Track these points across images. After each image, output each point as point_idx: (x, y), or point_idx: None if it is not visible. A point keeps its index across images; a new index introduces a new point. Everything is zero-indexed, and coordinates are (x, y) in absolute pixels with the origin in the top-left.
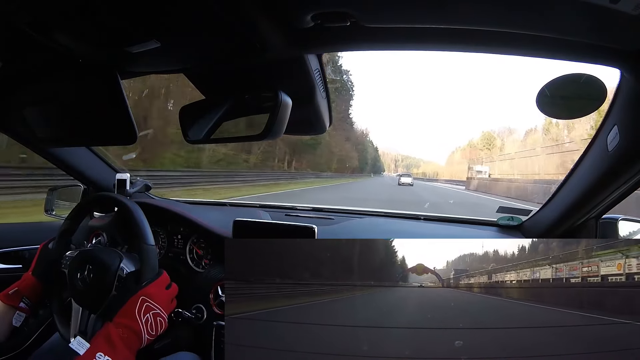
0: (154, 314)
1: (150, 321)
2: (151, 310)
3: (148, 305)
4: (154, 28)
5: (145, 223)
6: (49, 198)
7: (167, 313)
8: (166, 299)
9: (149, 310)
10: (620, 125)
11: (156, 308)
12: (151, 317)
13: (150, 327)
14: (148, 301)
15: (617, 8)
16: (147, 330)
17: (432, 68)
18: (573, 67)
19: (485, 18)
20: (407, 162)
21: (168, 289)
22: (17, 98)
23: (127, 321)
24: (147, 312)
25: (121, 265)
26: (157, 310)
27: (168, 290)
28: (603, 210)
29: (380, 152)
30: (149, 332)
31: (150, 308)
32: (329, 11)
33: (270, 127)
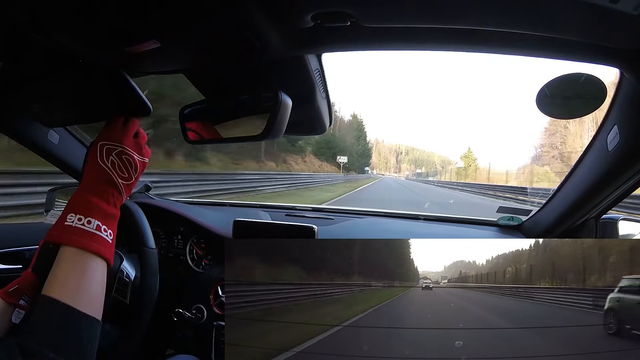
0: (118, 153)
1: (117, 163)
2: (113, 150)
3: (108, 147)
4: (154, 28)
5: (146, 225)
6: (49, 198)
7: (135, 150)
8: (125, 134)
9: (111, 152)
10: (620, 124)
11: (117, 147)
12: (116, 158)
13: (119, 169)
14: (106, 143)
15: (617, 8)
16: (118, 173)
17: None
18: (573, 67)
19: (485, 18)
20: (414, 157)
21: (126, 124)
22: (18, 98)
23: (92, 173)
24: (109, 154)
25: (121, 267)
26: (119, 149)
27: (126, 126)
28: (603, 210)
29: (372, 142)
30: (120, 175)
31: (111, 149)
32: (329, 11)
33: (270, 128)
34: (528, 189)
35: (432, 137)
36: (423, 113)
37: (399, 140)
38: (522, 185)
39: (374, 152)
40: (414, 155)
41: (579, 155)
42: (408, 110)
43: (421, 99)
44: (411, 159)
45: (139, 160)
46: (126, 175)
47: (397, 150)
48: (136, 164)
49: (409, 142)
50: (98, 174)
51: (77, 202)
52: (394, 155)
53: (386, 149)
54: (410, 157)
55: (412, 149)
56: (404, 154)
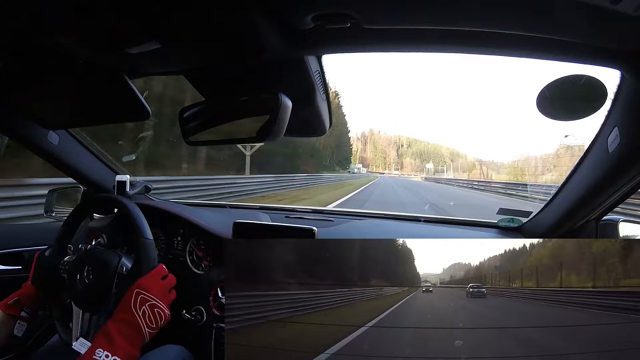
0: (151, 305)
1: (147, 313)
2: (147, 302)
3: (143, 297)
4: (154, 29)
5: (141, 218)
6: (48, 199)
7: (166, 304)
8: (162, 290)
9: (144, 302)
10: (620, 126)
11: (152, 299)
12: (148, 309)
13: (148, 319)
14: (143, 293)
15: (618, 9)
16: (146, 322)
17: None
18: (573, 69)
19: (485, 19)
20: (418, 149)
21: (164, 280)
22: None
23: (124, 315)
24: (142, 304)
25: (120, 263)
26: (153, 302)
27: (164, 281)
28: (604, 211)
29: (358, 134)
30: (148, 324)
31: (145, 300)
32: (329, 12)
33: (270, 129)
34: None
35: (437, 128)
36: (425, 101)
37: (398, 132)
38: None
39: (368, 145)
40: (418, 147)
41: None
42: (407, 98)
43: (422, 85)
44: (415, 152)
45: (168, 313)
46: (153, 326)
47: (397, 143)
48: (166, 316)
49: (410, 134)
50: (129, 318)
51: (106, 338)
52: (394, 148)
53: (383, 140)
54: (414, 149)
55: (414, 140)
56: (405, 146)
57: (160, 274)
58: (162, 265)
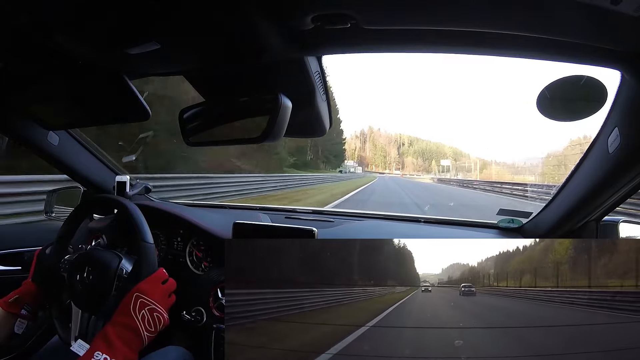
0: (150, 309)
1: (147, 317)
2: (146, 306)
3: (143, 302)
4: (154, 29)
5: (142, 221)
6: (48, 200)
7: (165, 308)
8: (162, 294)
9: (144, 307)
10: (621, 127)
11: (151, 304)
12: (147, 313)
13: (147, 323)
14: (142, 297)
15: (618, 10)
16: (145, 326)
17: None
18: (573, 69)
19: (485, 20)
20: (420, 148)
21: (164, 284)
22: (19, 98)
23: (124, 319)
24: (142, 308)
25: (120, 265)
26: (152, 306)
27: (164, 286)
28: (604, 212)
29: (357, 132)
30: (147, 328)
31: (145, 304)
32: (329, 13)
33: (270, 130)
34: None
35: (440, 126)
36: (426, 99)
37: (399, 130)
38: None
39: (368, 143)
40: (420, 146)
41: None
42: (408, 95)
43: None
44: (417, 150)
45: (167, 317)
46: (152, 330)
47: (398, 141)
48: (165, 320)
49: (411, 132)
50: (128, 322)
51: (105, 341)
52: (395, 146)
53: (383, 139)
54: (416, 148)
55: (416, 139)
56: (406, 144)
57: (160, 278)
58: (162, 269)
